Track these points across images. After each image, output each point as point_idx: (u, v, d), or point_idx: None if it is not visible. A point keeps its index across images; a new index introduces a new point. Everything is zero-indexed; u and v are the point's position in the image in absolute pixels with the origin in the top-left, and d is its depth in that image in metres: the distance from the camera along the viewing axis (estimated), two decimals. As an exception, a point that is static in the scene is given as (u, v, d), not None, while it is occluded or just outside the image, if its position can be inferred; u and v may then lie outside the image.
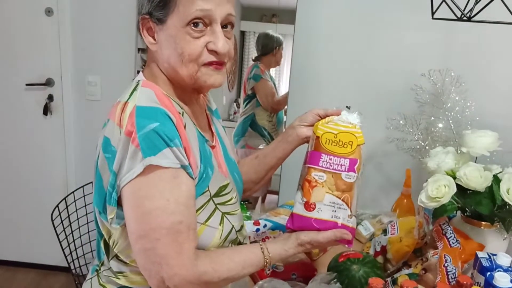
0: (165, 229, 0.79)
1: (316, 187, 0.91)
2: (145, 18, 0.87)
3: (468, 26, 1.26)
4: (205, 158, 0.90)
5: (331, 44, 1.95)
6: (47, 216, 1.60)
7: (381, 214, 1.64)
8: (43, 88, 2.34)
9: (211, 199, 0.91)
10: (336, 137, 0.93)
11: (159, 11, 0.84)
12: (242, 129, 3.01)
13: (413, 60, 1.86)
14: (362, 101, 1.97)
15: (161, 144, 0.79)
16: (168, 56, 0.87)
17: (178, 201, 0.80)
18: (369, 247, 1.44)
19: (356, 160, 0.92)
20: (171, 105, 0.86)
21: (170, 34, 0.85)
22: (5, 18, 2.27)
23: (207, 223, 0.90)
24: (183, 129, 0.85)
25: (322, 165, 0.92)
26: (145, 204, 0.80)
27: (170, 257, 0.80)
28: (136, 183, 0.79)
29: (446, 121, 1.56)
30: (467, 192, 1.14)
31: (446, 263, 1.05)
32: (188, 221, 0.82)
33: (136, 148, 0.78)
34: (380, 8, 1.86)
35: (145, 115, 0.80)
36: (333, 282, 1.12)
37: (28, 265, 2.63)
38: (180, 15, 0.83)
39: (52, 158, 2.44)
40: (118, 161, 0.80)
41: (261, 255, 0.90)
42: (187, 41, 0.84)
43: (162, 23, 0.85)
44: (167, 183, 0.80)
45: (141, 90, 0.87)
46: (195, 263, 0.82)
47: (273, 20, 3.95)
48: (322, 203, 0.90)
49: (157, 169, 0.78)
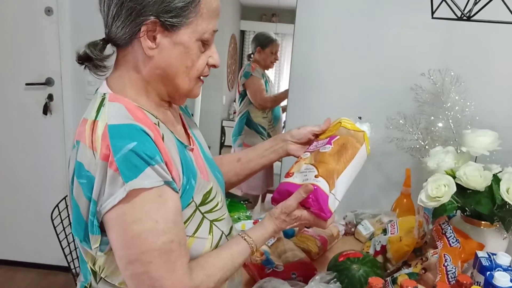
0: (156, 251, 0.76)
1: (299, 161, 1.03)
2: (153, 21, 0.79)
3: (468, 25, 1.26)
4: (187, 168, 0.87)
5: (331, 43, 1.95)
6: (47, 215, 1.61)
7: (381, 214, 1.64)
8: (43, 87, 2.34)
9: (197, 209, 0.89)
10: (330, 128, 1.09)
11: (174, 17, 0.79)
12: (239, 127, 3.01)
13: (413, 60, 1.86)
14: (362, 100, 1.97)
15: (142, 165, 0.74)
16: (169, 64, 0.83)
17: (166, 219, 0.78)
18: (369, 247, 1.44)
19: (335, 136, 1.03)
20: (145, 118, 0.81)
21: (181, 44, 0.82)
22: (5, 18, 2.27)
23: (195, 235, 0.88)
24: (162, 142, 0.81)
25: (311, 148, 1.05)
26: (133, 228, 0.76)
27: (164, 278, 0.77)
28: (120, 208, 0.75)
29: (446, 120, 1.56)
30: (466, 191, 1.14)
31: (446, 263, 1.05)
32: (179, 238, 0.80)
33: (115, 173, 0.73)
34: (380, 8, 1.86)
35: (119, 135, 0.75)
36: (333, 281, 1.12)
37: (28, 265, 2.63)
38: (197, 29, 0.81)
39: (51, 157, 2.44)
40: (97, 187, 0.75)
41: (245, 243, 0.91)
42: (197, 56, 0.84)
43: (173, 30, 0.81)
44: (153, 203, 0.76)
45: (109, 106, 0.81)
46: (191, 278, 0.80)
47: (273, 20, 3.94)
48: (299, 171, 0.99)
49: (140, 192, 0.75)
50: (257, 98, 2.91)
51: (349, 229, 1.65)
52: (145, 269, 0.77)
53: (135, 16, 0.79)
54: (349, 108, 1.98)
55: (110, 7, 0.81)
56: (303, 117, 2.05)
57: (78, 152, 0.79)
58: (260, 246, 0.95)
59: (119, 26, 0.82)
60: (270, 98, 2.97)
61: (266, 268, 1.24)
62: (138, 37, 0.81)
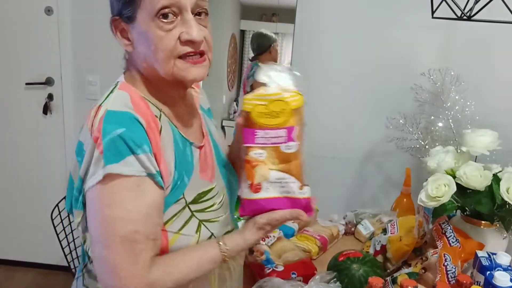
0: (119, 238, 0.76)
1: (258, 166, 0.84)
2: (115, 19, 0.84)
3: (468, 25, 1.26)
4: (181, 164, 0.86)
5: (330, 43, 1.95)
6: (47, 215, 1.60)
7: (381, 213, 1.64)
8: (43, 87, 2.34)
9: (187, 206, 0.87)
10: (267, 108, 0.83)
11: (127, 8, 0.81)
12: None
13: (413, 59, 1.87)
14: (362, 100, 1.97)
15: (126, 151, 0.75)
16: (144, 54, 0.83)
17: (138, 210, 0.77)
18: (369, 246, 1.45)
19: (293, 127, 0.84)
20: (146, 109, 0.82)
21: (141, 31, 0.81)
22: (5, 17, 2.27)
23: (181, 232, 0.86)
24: (157, 133, 0.81)
25: (259, 141, 0.84)
26: (103, 211, 0.77)
27: (121, 268, 0.77)
28: (97, 189, 0.77)
29: (446, 120, 1.56)
30: (467, 191, 1.14)
31: (446, 262, 1.05)
32: (147, 231, 0.78)
33: (100, 155, 0.75)
34: (380, 8, 1.86)
35: (112, 120, 0.77)
36: (332, 281, 1.12)
37: (28, 265, 2.63)
38: (147, 8, 0.79)
39: (51, 157, 2.44)
40: (84, 166, 0.78)
41: (217, 251, 0.86)
42: (159, 36, 0.79)
43: (132, 21, 0.82)
44: (128, 192, 0.77)
45: (116, 93, 0.85)
46: (149, 272, 0.78)
47: (273, 19, 3.94)
48: (268, 181, 0.84)
49: (118, 177, 0.75)
50: None
51: (349, 228, 1.66)
52: (106, 253, 0.77)
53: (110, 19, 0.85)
54: (349, 107, 1.99)
55: None
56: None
57: (81, 133, 0.82)
58: (234, 255, 0.89)
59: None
60: None
61: (266, 268, 1.24)
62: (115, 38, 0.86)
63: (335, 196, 2.06)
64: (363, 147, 2.01)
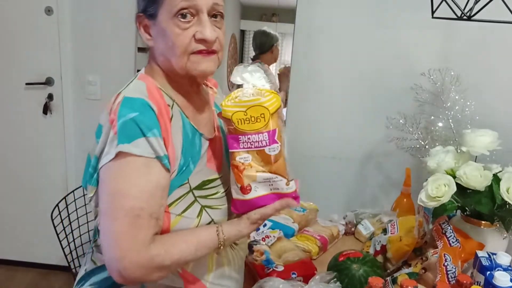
0: (123, 212, 0.82)
1: (245, 169, 0.89)
2: (140, 15, 0.93)
3: (468, 25, 1.26)
4: (188, 151, 0.92)
5: (330, 43, 1.95)
6: (47, 215, 1.60)
7: (381, 213, 1.64)
8: (43, 87, 2.34)
9: (191, 191, 0.93)
10: (246, 114, 0.87)
11: (150, 6, 0.90)
12: None
13: (413, 59, 1.87)
14: (362, 100, 1.97)
15: (137, 133, 0.83)
16: (162, 49, 0.91)
17: (143, 188, 0.83)
18: (369, 246, 1.45)
19: (275, 130, 0.87)
20: (159, 97, 0.89)
21: (161, 28, 0.89)
22: (5, 17, 2.26)
23: (183, 214, 0.91)
24: (167, 120, 0.88)
25: (243, 146, 0.89)
26: (111, 186, 0.84)
27: (123, 240, 0.82)
28: (108, 166, 0.84)
29: (446, 120, 1.56)
30: (467, 191, 1.14)
31: (446, 262, 1.05)
32: (151, 210, 0.84)
33: (114, 135, 0.83)
34: (380, 8, 1.86)
35: (127, 105, 0.85)
36: (333, 281, 1.12)
37: (28, 265, 2.63)
38: (167, 8, 0.87)
39: (52, 157, 2.44)
40: (100, 145, 0.86)
41: (215, 236, 0.91)
42: (176, 33, 0.88)
43: (154, 18, 0.90)
44: (135, 170, 0.83)
45: (135, 83, 0.93)
46: (148, 247, 0.83)
47: (273, 19, 3.92)
48: (256, 182, 0.89)
49: (128, 156, 0.82)
50: None
51: (349, 228, 1.66)
52: (110, 225, 0.83)
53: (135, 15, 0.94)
54: (349, 107, 1.99)
55: None
56: (303, 116, 2.05)
57: (102, 116, 0.90)
58: (231, 242, 0.96)
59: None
60: None
61: (266, 268, 1.24)
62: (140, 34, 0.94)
63: (335, 196, 2.06)
64: (363, 147, 2.01)
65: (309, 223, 1.61)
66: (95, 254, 1.01)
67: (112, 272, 0.84)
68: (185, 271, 0.96)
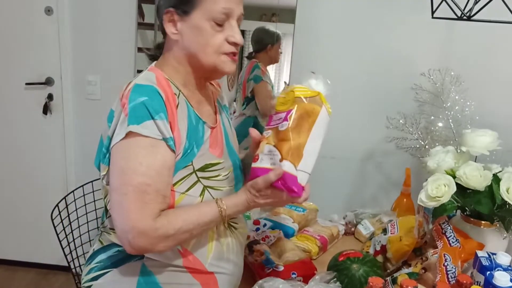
0: (132, 187, 0.89)
1: (262, 141, 0.99)
2: (170, 11, 0.98)
3: (468, 25, 1.26)
4: (191, 136, 0.99)
5: (331, 43, 1.95)
6: (47, 215, 1.60)
7: (381, 213, 1.64)
8: (42, 87, 2.34)
9: (194, 172, 1.00)
10: (284, 98, 1.00)
11: (185, 4, 0.97)
12: (245, 129, 2.96)
13: (413, 60, 1.87)
14: (362, 100, 1.97)
15: (146, 116, 0.90)
16: (190, 44, 0.99)
17: (150, 166, 0.90)
18: (369, 246, 1.45)
19: (290, 110, 0.96)
20: (167, 86, 0.97)
21: (195, 26, 0.97)
22: (5, 17, 2.26)
23: (186, 193, 0.99)
24: (173, 107, 0.95)
25: (271, 124, 0.99)
26: (120, 163, 0.91)
27: (131, 212, 0.89)
28: (119, 145, 0.91)
29: (446, 120, 1.56)
30: (466, 191, 1.14)
31: (446, 262, 1.05)
32: (157, 186, 0.91)
33: (125, 117, 0.90)
34: (380, 8, 1.86)
35: (138, 91, 0.92)
36: (332, 281, 1.12)
37: (28, 264, 2.63)
38: (205, 11, 0.96)
39: (51, 157, 2.44)
40: (112, 127, 0.94)
41: (215, 207, 0.97)
42: (211, 34, 0.98)
43: (186, 15, 0.97)
44: (143, 149, 0.90)
45: (145, 73, 1.01)
46: (155, 220, 0.90)
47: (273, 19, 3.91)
48: (263, 153, 0.97)
49: (137, 135, 0.90)
50: (267, 105, 2.84)
51: (349, 228, 1.66)
52: (120, 199, 0.91)
53: (161, 10, 0.99)
54: (349, 107, 1.99)
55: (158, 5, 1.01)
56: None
57: (114, 103, 0.97)
58: (231, 213, 0.99)
59: (159, 20, 1.02)
60: None
61: (266, 268, 1.24)
62: (164, 27, 1.00)
63: (335, 196, 2.06)
64: (363, 147, 2.01)
65: (309, 223, 1.61)
66: (102, 235, 1.09)
67: (123, 244, 0.93)
68: (185, 250, 1.02)
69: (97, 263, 1.06)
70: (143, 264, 1.01)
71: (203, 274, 1.04)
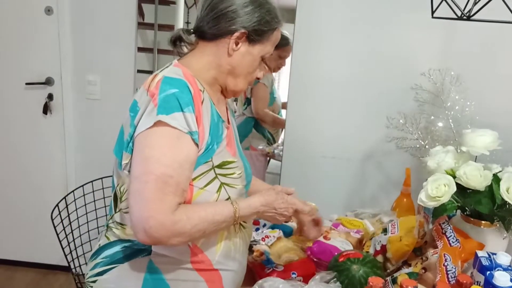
0: (154, 176, 0.90)
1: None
2: (244, 33, 1.03)
3: (468, 25, 1.26)
4: (213, 132, 1.02)
5: (330, 43, 1.95)
6: (46, 215, 1.60)
7: (381, 213, 1.64)
8: (43, 87, 2.34)
9: (213, 169, 1.02)
10: None
11: (257, 35, 1.05)
12: (246, 129, 2.95)
13: (413, 59, 1.87)
14: (362, 100, 1.97)
15: (176, 107, 0.92)
16: (240, 65, 1.07)
17: (174, 158, 0.92)
18: (369, 246, 1.44)
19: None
20: (194, 82, 1.00)
21: (251, 55, 1.06)
22: (5, 17, 2.27)
23: (205, 188, 1.01)
24: (199, 101, 0.99)
25: None
26: (145, 151, 0.92)
27: (151, 201, 0.90)
28: (145, 134, 0.92)
29: (446, 120, 1.56)
30: (467, 191, 1.14)
31: (446, 262, 1.05)
32: (179, 179, 0.92)
33: (154, 107, 0.92)
34: (380, 8, 1.86)
35: (169, 83, 0.96)
36: (332, 281, 1.12)
37: (28, 264, 2.63)
38: (264, 49, 1.08)
39: (52, 157, 2.44)
40: (139, 116, 0.95)
41: (230, 206, 1.01)
42: (255, 67, 1.10)
43: (251, 43, 1.05)
44: (169, 140, 0.92)
45: (171, 67, 1.04)
46: (173, 213, 0.91)
47: (273, 19, 3.84)
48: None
49: (164, 125, 0.91)
50: (258, 108, 2.84)
51: (349, 228, 1.65)
52: (141, 187, 0.91)
53: (230, 24, 1.02)
54: (349, 107, 1.99)
55: (213, 10, 1.03)
56: (304, 117, 2.05)
57: (137, 93, 1.01)
58: (244, 214, 1.03)
59: (212, 26, 1.03)
60: (271, 116, 2.90)
61: (266, 268, 1.24)
62: (226, 38, 1.03)
63: (335, 196, 2.06)
64: (363, 147, 2.01)
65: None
66: (109, 230, 1.09)
67: (137, 232, 0.91)
68: (195, 246, 1.04)
69: (103, 258, 1.07)
70: (150, 260, 1.02)
71: (209, 271, 1.06)
